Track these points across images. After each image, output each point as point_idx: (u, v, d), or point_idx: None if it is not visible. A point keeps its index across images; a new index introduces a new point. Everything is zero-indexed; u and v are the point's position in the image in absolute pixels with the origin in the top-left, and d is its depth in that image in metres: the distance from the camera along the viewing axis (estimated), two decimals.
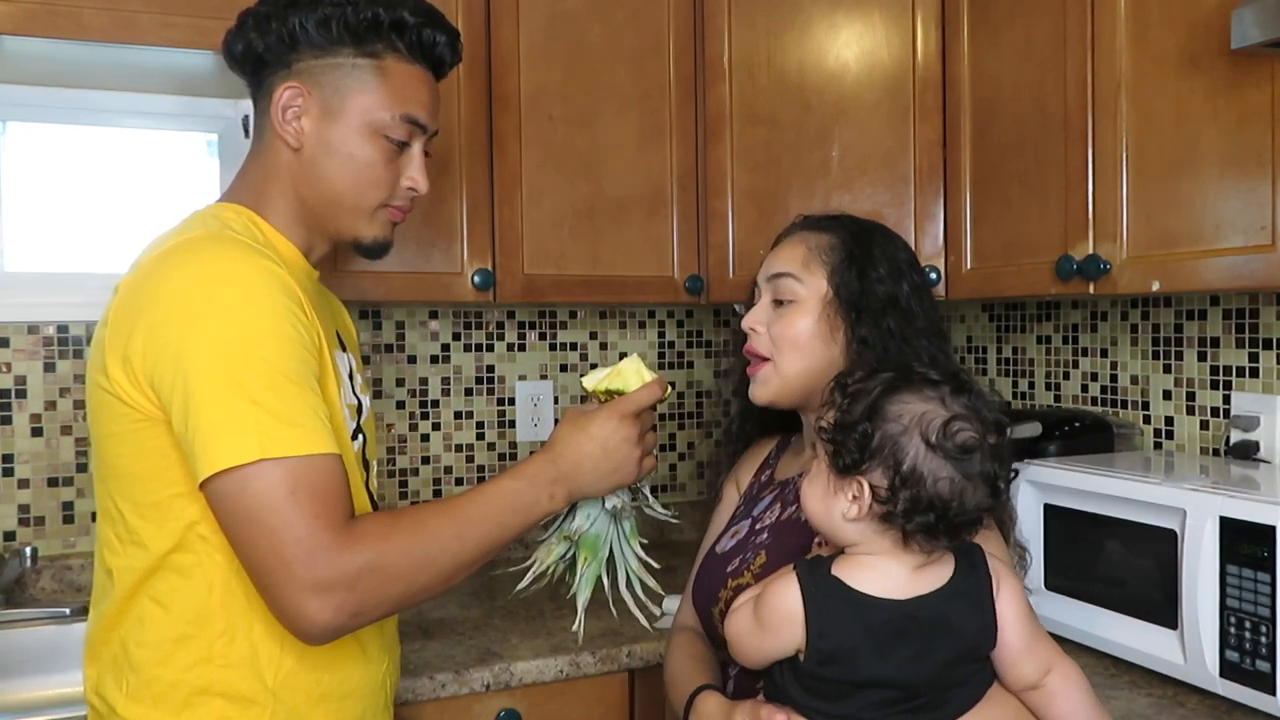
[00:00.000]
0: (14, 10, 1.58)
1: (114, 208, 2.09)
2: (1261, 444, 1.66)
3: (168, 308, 1.04)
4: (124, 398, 1.06)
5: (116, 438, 1.09)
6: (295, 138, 1.18)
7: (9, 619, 1.83)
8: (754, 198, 1.98)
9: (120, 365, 1.05)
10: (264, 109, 1.20)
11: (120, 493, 1.11)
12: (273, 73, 1.19)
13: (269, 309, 1.05)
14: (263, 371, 1.02)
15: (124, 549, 1.11)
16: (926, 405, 0.97)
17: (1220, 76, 1.37)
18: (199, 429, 1.00)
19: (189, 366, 1.01)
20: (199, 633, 1.08)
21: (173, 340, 1.02)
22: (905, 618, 0.98)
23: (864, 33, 1.92)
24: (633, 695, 1.70)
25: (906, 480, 0.95)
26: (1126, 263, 1.52)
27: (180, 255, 1.08)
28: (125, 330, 1.05)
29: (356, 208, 1.21)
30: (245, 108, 2.09)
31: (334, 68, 1.18)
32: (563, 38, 1.91)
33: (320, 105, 1.18)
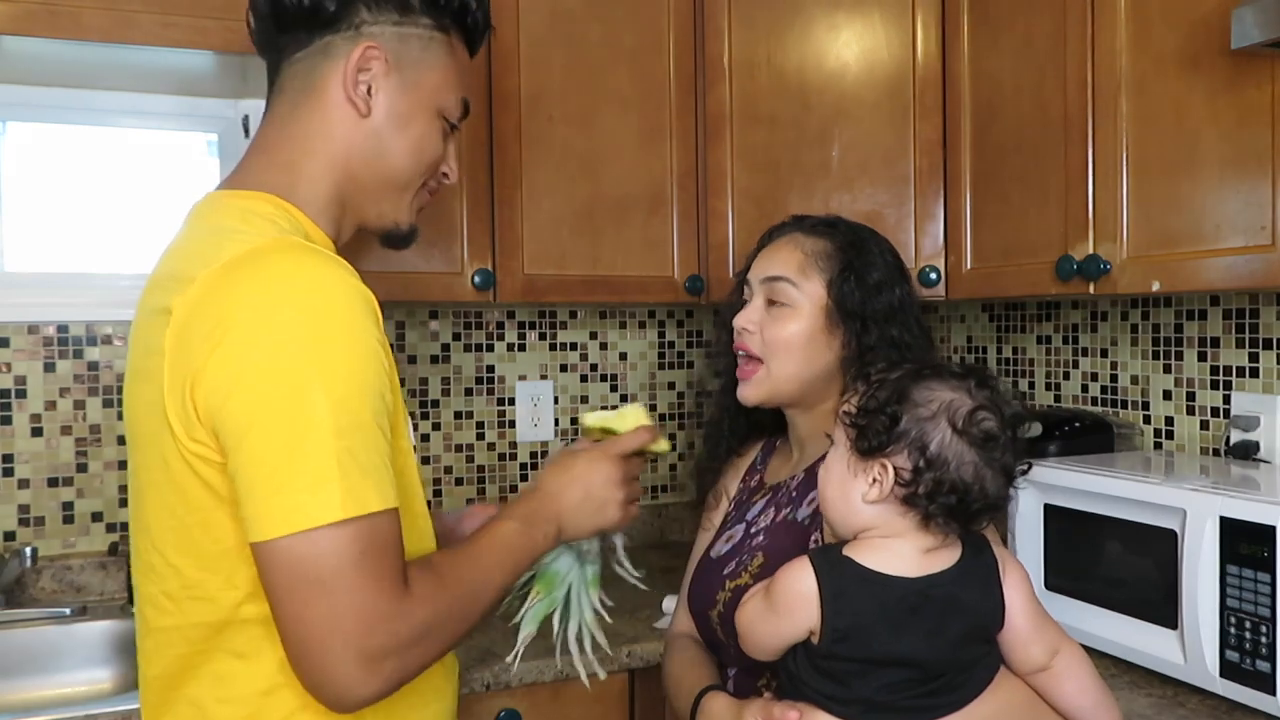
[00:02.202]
0: (14, 10, 1.58)
1: (114, 208, 2.09)
2: (1261, 444, 1.66)
3: (240, 335, 0.89)
4: (183, 439, 0.92)
5: (172, 484, 0.95)
6: (364, 106, 1.06)
7: (9, 619, 1.83)
8: (754, 198, 1.98)
9: (181, 402, 0.91)
10: (320, 68, 1.06)
11: (175, 545, 0.97)
12: (335, 30, 1.05)
13: (353, 338, 0.92)
14: (345, 417, 0.89)
15: (179, 606, 0.98)
16: (954, 393, 1.01)
17: (1220, 76, 1.37)
18: (268, 479, 0.87)
19: (260, 408, 0.88)
20: (291, 681, 0.94)
21: (243, 374, 0.88)
22: (918, 595, 1.00)
23: (864, 32, 1.92)
24: (633, 695, 1.70)
25: (932, 463, 0.98)
26: (1126, 263, 1.52)
27: (256, 271, 0.92)
28: (190, 362, 0.91)
29: (406, 189, 1.12)
30: (245, 108, 2.11)
31: (413, 37, 1.08)
32: (563, 37, 1.91)
33: (398, 75, 1.07)
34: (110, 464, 2.03)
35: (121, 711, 1.44)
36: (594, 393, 2.39)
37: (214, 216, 1.04)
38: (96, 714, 1.43)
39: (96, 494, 2.03)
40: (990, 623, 1.05)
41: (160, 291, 0.98)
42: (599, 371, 2.40)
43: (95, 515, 2.03)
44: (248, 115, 2.11)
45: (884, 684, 1.01)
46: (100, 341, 2.03)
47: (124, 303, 2.04)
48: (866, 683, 1.01)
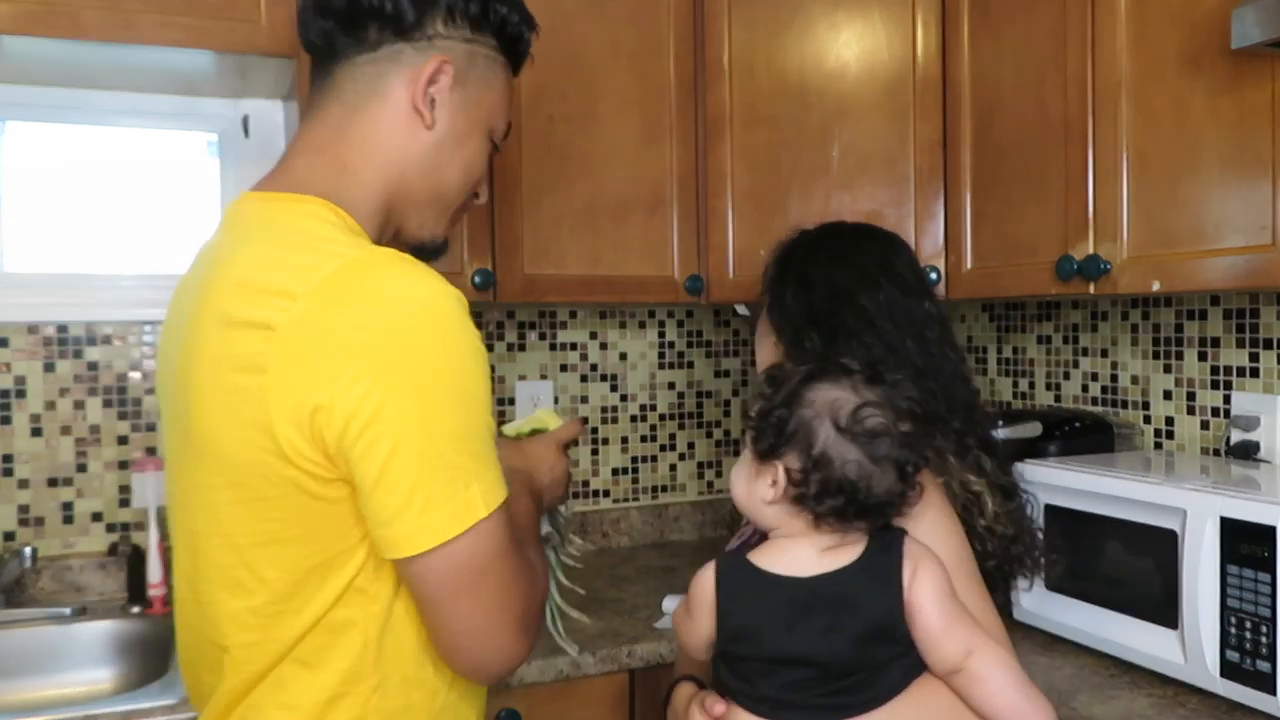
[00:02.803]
0: (14, 10, 1.58)
1: (114, 208, 2.09)
2: (1262, 444, 1.66)
3: (361, 353, 0.89)
4: (295, 459, 0.91)
5: (273, 501, 0.94)
6: (430, 115, 1.05)
7: (9, 619, 1.83)
8: (754, 198, 1.98)
9: (295, 423, 0.89)
10: (388, 75, 1.04)
11: (268, 560, 0.96)
12: (409, 38, 1.04)
13: (472, 345, 0.95)
14: (473, 423, 0.93)
15: (264, 622, 0.98)
16: (839, 392, 1.03)
17: (1220, 76, 1.37)
18: (421, 497, 0.89)
19: (399, 424, 0.89)
20: (356, 688, 0.98)
21: (373, 394, 0.88)
22: (810, 594, 1.02)
23: (864, 32, 1.92)
24: (633, 695, 1.70)
25: (817, 463, 1.01)
26: (1126, 263, 1.52)
27: (370, 289, 0.91)
28: (309, 386, 0.89)
29: (452, 204, 1.13)
30: (245, 107, 2.11)
31: (480, 56, 1.08)
32: (563, 38, 1.91)
33: (461, 91, 1.07)
34: (110, 464, 2.03)
35: (121, 711, 1.44)
36: (594, 393, 2.39)
37: (282, 220, 1.00)
38: (96, 714, 1.43)
39: (96, 494, 2.03)
40: (889, 622, 1.03)
41: (244, 301, 0.94)
42: (599, 371, 2.40)
43: (95, 515, 2.03)
44: (248, 115, 2.11)
45: (786, 683, 1.03)
46: (100, 341, 2.03)
47: (124, 303, 2.05)
48: (770, 681, 1.04)
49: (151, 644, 1.83)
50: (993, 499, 1.22)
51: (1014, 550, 1.25)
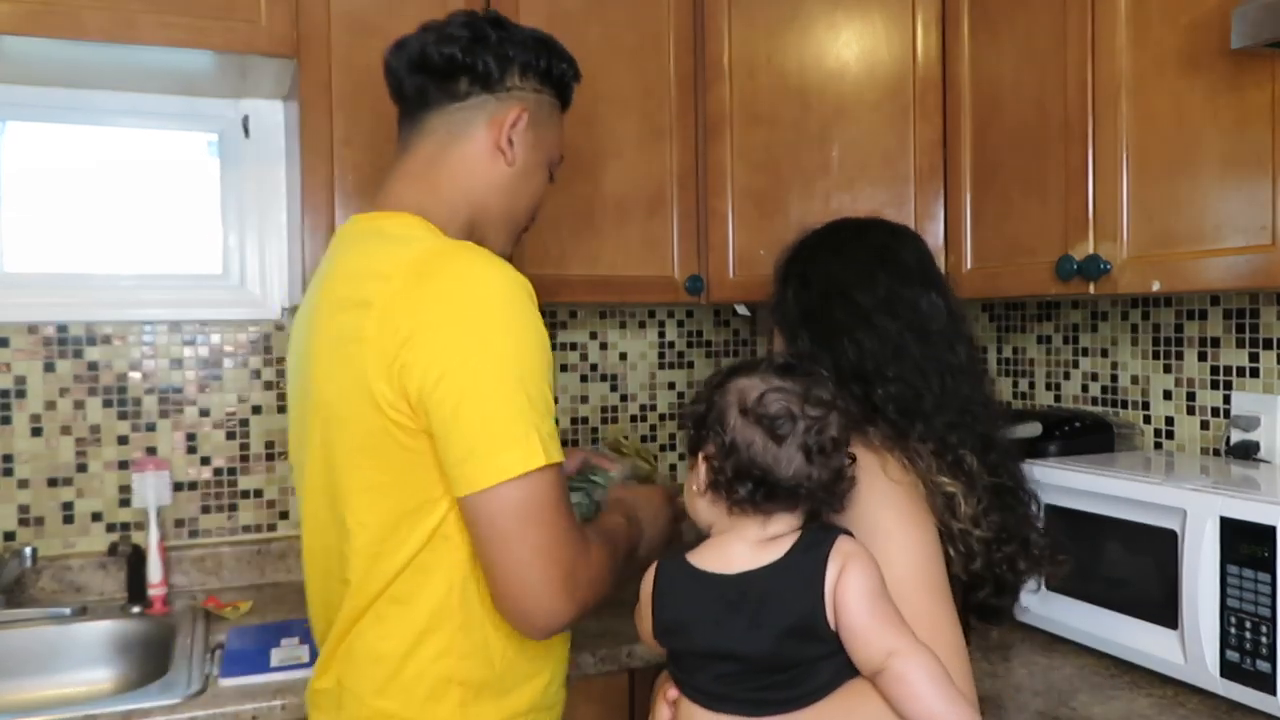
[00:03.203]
0: (14, 10, 1.58)
1: (114, 208, 2.09)
2: (1261, 444, 1.66)
3: (447, 324, 1.08)
4: (388, 410, 1.09)
5: (370, 450, 1.13)
6: (511, 155, 1.27)
7: (9, 619, 1.84)
8: (754, 198, 1.98)
9: (388, 379, 1.08)
10: (475, 120, 1.27)
11: (368, 506, 1.15)
12: (491, 90, 1.27)
13: (535, 323, 1.12)
14: (536, 383, 1.09)
15: (367, 562, 1.16)
16: (749, 380, 1.07)
17: (1220, 76, 1.37)
18: (478, 438, 1.06)
19: (465, 377, 1.06)
20: (442, 625, 1.16)
21: (455, 359, 1.07)
22: (736, 591, 1.05)
23: (864, 32, 1.92)
24: (633, 695, 1.70)
25: (729, 449, 1.05)
26: (1126, 263, 1.52)
27: (450, 270, 1.11)
28: (397, 343, 1.08)
29: (519, 227, 1.35)
30: (245, 108, 2.11)
31: (544, 104, 1.32)
32: (563, 38, 1.88)
33: (533, 132, 1.29)
34: (110, 464, 2.03)
35: (122, 711, 1.44)
36: (594, 393, 2.39)
37: (382, 228, 1.21)
38: (96, 714, 1.43)
39: (96, 494, 2.03)
40: (809, 619, 1.03)
41: (352, 287, 1.15)
42: (599, 371, 2.40)
43: (95, 515, 2.03)
44: (248, 115, 2.11)
45: (717, 675, 1.07)
46: (100, 341, 2.03)
47: (124, 303, 2.05)
48: (704, 674, 1.08)
49: (151, 644, 1.83)
50: (968, 500, 1.17)
51: (1001, 552, 1.20)
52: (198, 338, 2.10)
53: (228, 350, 2.12)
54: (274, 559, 2.13)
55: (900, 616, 1.05)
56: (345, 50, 1.77)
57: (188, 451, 2.09)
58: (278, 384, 2.15)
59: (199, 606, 1.92)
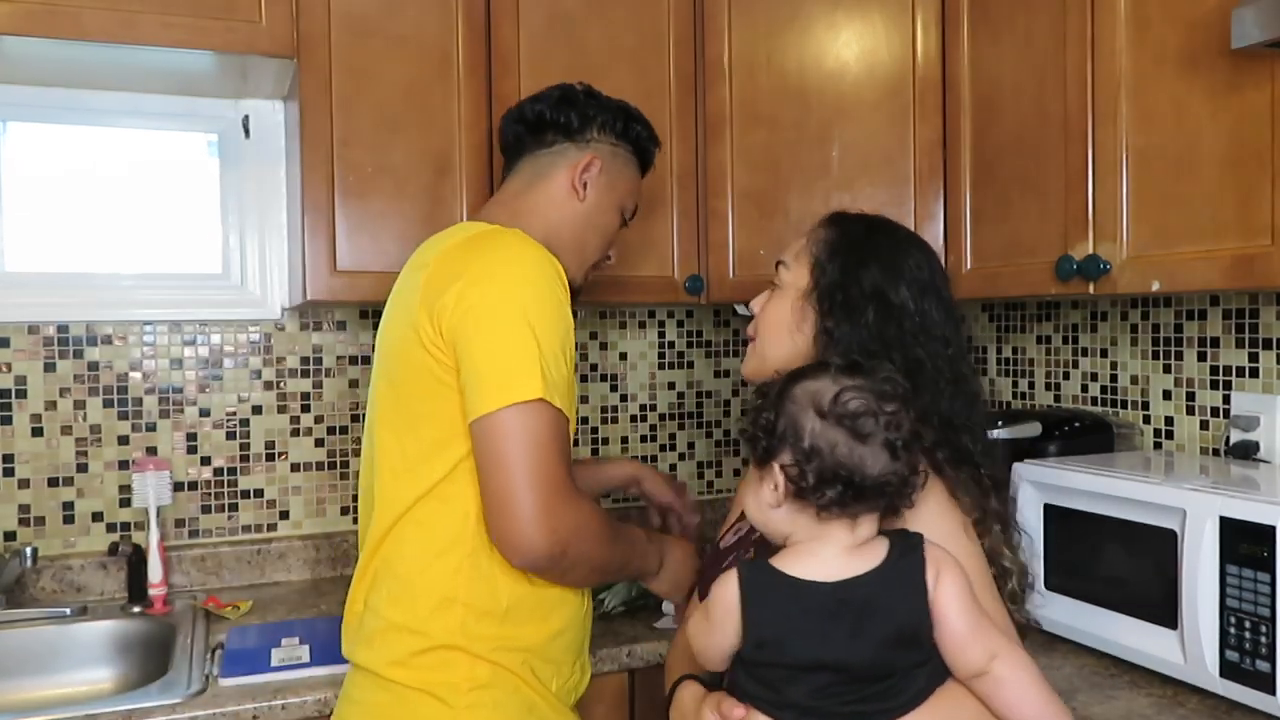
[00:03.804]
0: (14, 10, 1.58)
1: (114, 208, 2.09)
2: (1261, 444, 1.66)
3: (477, 273, 1.27)
4: (428, 346, 1.26)
5: (414, 380, 1.30)
6: (583, 193, 1.48)
7: (9, 619, 1.84)
8: (754, 198, 1.98)
9: (429, 317, 1.26)
10: (556, 163, 1.49)
11: (408, 430, 1.31)
12: (572, 139, 1.49)
13: (556, 293, 1.29)
14: (549, 337, 1.25)
15: (398, 481, 1.32)
16: (820, 384, 1.05)
17: (1220, 76, 1.37)
18: (489, 369, 1.22)
19: (488, 318, 1.24)
20: (453, 549, 1.29)
21: (476, 297, 1.24)
22: (836, 600, 1.01)
23: (864, 32, 1.92)
24: (633, 695, 1.70)
25: (810, 454, 1.01)
26: (1126, 263, 1.52)
27: (494, 239, 1.33)
28: (440, 289, 1.27)
29: (589, 259, 1.53)
30: (245, 108, 2.11)
31: (619, 155, 1.53)
32: (563, 38, 1.91)
33: (606, 177, 1.50)
34: (110, 464, 2.03)
35: (122, 711, 1.44)
36: (594, 393, 2.39)
37: (461, 227, 1.43)
38: (96, 714, 1.43)
39: (96, 494, 2.03)
40: (916, 626, 1.03)
41: (421, 258, 1.37)
42: (599, 371, 2.40)
43: (95, 515, 2.03)
44: (248, 115, 2.11)
45: (812, 688, 1.02)
46: (100, 341, 2.03)
47: (124, 303, 2.05)
48: (796, 688, 1.03)
49: (152, 644, 1.83)
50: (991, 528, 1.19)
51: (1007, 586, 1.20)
52: (198, 338, 2.10)
53: (228, 350, 2.12)
54: (274, 559, 2.13)
55: (990, 618, 1.05)
56: (345, 50, 1.77)
57: (188, 451, 2.09)
58: (278, 384, 2.15)
59: (199, 606, 1.92)
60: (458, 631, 1.29)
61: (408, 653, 1.29)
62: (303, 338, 2.17)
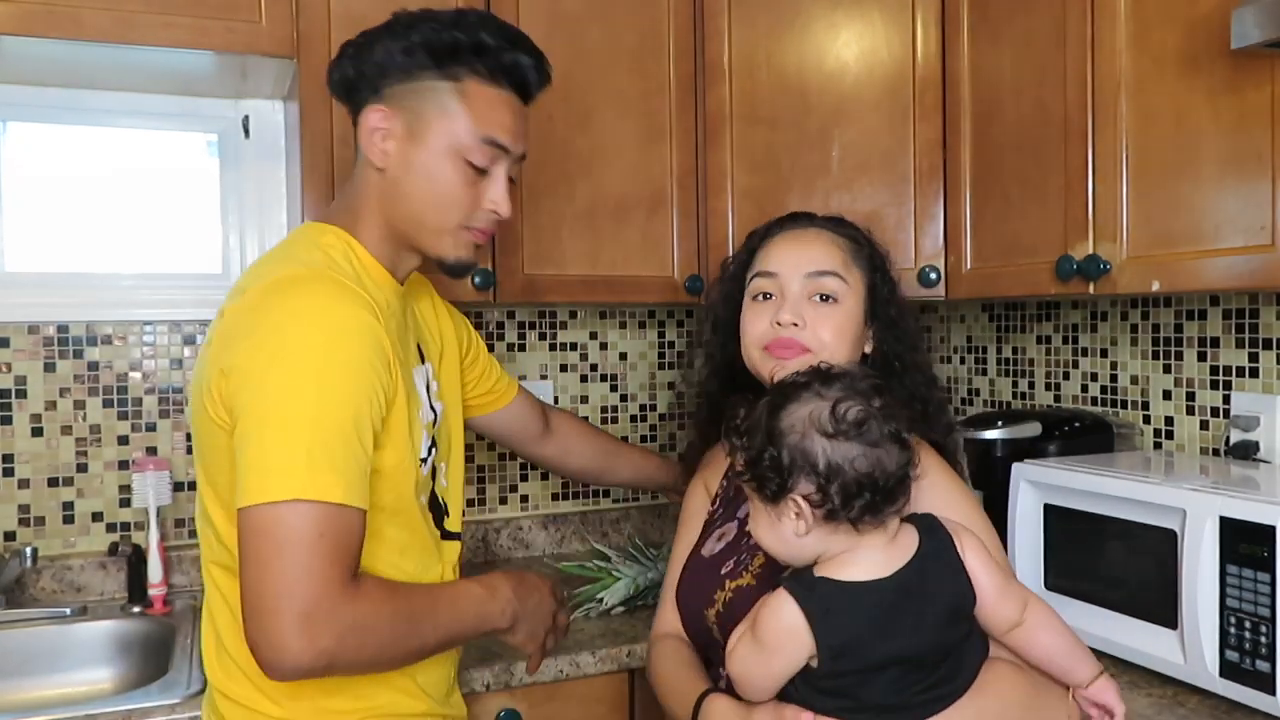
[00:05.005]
0: (14, 10, 1.58)
1: (114, 208, 2.09)
2: (1261, 444, 1.66)
3: (261, 339, 1.09)
4: (212, 411, 1.12)
5: (205, 435, 1.17)
6: (381, 159, 1.23)
7: (9, 619, 1.83)
8: (754, 198, 1.98)
9: (217, 381, 1.11)
10: (358, 134, 1.25)
11: (208, 484, 1.20)
12: (365, 99, 1.23)
13: (349, 361, 1.09)
14: (326, 420, 1.06)
15: (210, 551, 1.22)
16: (808, 405, 1.05)
17: (1220, 76, 1.37)
18: (253, 456, 1.05)
19: (261, 397, 1.07)
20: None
21: (255, 369, 1.08)
22: (895, 592, 1.03)
23: (864, 33, 1.92)
24: (633, 695, 1.70)
25: (830, 475, 1.02)
26: (1126, 263, 1.52)
27: (284, 292, 1.12)
28: (226, 351, 1.11)
29: (439, 228, 1.25)
30: (245, 108, 2.11)
31: (417, 91, 1.22)
32: (563, 38, 1.91)
33: (404, 128, 1.22)
34: (110, 464, 2.03)
35: (122, 711, 1.44)
36: (594, 393, 2.39)
37: (295, 239, 1.27)
38: (96, 714, 1.43)
39: (96, 494, 2.03)
40: (961, 600, 1.07)
41: (228, 298, 1.21)
42: (599, 371, 2.40)
43: (95, 515, 2.03)
44: (248, 115, 2.11)
45: (887, 685, 1.04)
46: (100, 341, 2.03)
47: (124, 303, 2.05)
48: (872, 689, 1.04)
49: (152, 644, 1.83)
50: None
51: None
52: (198, 338, 2.10)
53: None
54: None
55: (1008, 570, 1.12)
56: None
57: (188, 451, 2.09)
58: None
59: (199, 606, 1.92)
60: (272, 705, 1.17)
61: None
62: None
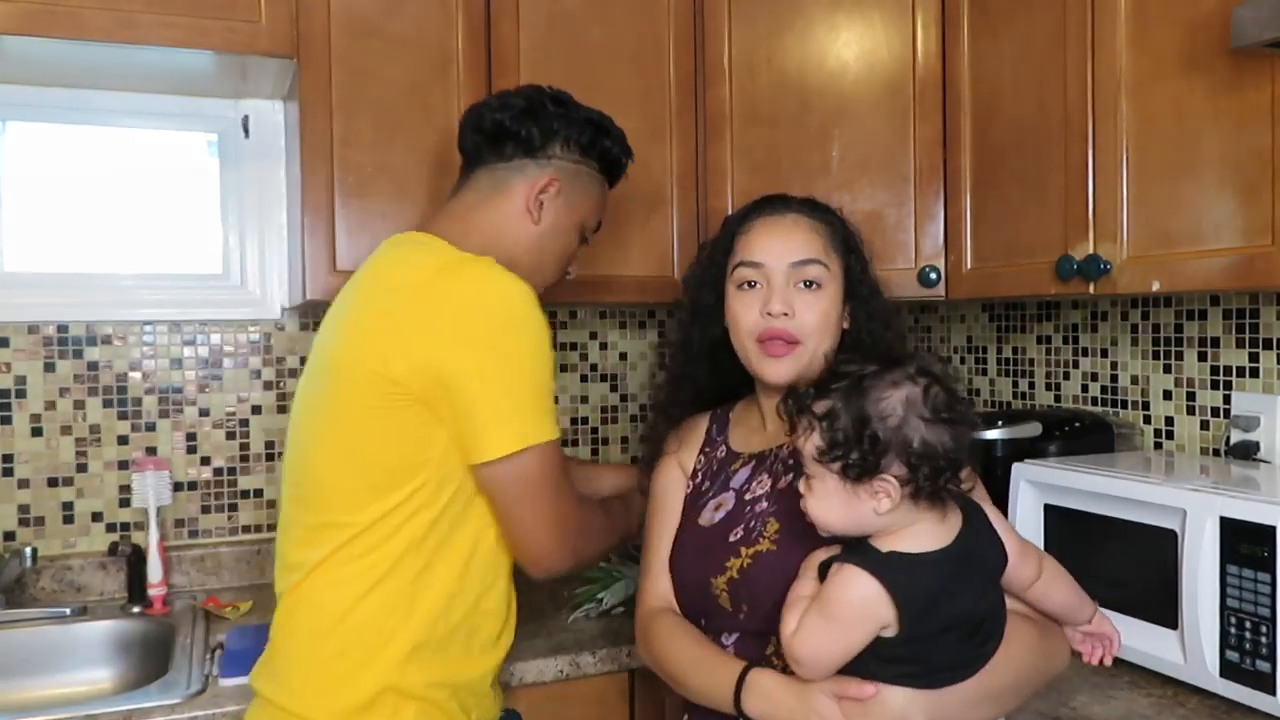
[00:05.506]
0: (14, 10, 1.58)
1: (114, 207, 2.09)
2: (1261, 444, 1.66)
3: (467, 310, 1.24)
4: (400, 380, 1.22)
5: (368, 413, 1.25)
6: (536, 213, 1.41)
7: (9, 619, 1.84)
8: (754, 197, 1.97)
9: (404, 353, 1.21)
10: (512, 180, 1.41)
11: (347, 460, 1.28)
12: (528, 154, 1.42)
13: (545, 327, 1.27)
14: (543, 375, 1.26)
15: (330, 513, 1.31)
16: (900, 390, 1.07)
17: (1220, 76, 1.37)
18: (510, 411, 1.23)
19: (492, 363, 1.22)
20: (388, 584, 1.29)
21: (476, 338, 1.22)
22: (959, 558, 1.09)
23: (864, 33, 1.92)
24: (633, 695, 1.70)
25: (924, 456, 1.06)
26: (1126, 263, 1.52)
27: (473, 270, 1.27)
28: (418, 324, 1.23)
29: (545, 281, 1.46)
30: (245, 108, 2.11)
31: (581, 174, 1.46)
32: (563, 38, 1.91)
33: (564, 198, 1.44)
34: (110, 464, 2.03)
35: (122, 711, 1.44)
36: (594, 393, 2.39)
37: (414, 238, 1.38)
38: (96, 714, 1.43)
39: (96, 494, 2.03)
40: (1000, 564, 1.14)
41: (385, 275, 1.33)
42: (599, 371, 2.40)
43: (95, 515, 2.03)
44: (248, 115, 2.11)
45: (951, 646, 1.10)
46: (100, 341, 2.03)
47: (124, 303, 2.05)
48: (938, 651, 1.09)
49: (152, 644, 1.83)
50: None
51: None
52: (198, 338, 2.10)
53: (228, 350, 2.12)
54: (274, 559, 2.12)
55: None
56: (345, 50, 1.77)
57: (188, 451, 2.09)
58: (278, 384, 2.15)
59: (199, 606, 1.92)
60: (393, 669, 1.25)
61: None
62: (303, 338, 2.17)
